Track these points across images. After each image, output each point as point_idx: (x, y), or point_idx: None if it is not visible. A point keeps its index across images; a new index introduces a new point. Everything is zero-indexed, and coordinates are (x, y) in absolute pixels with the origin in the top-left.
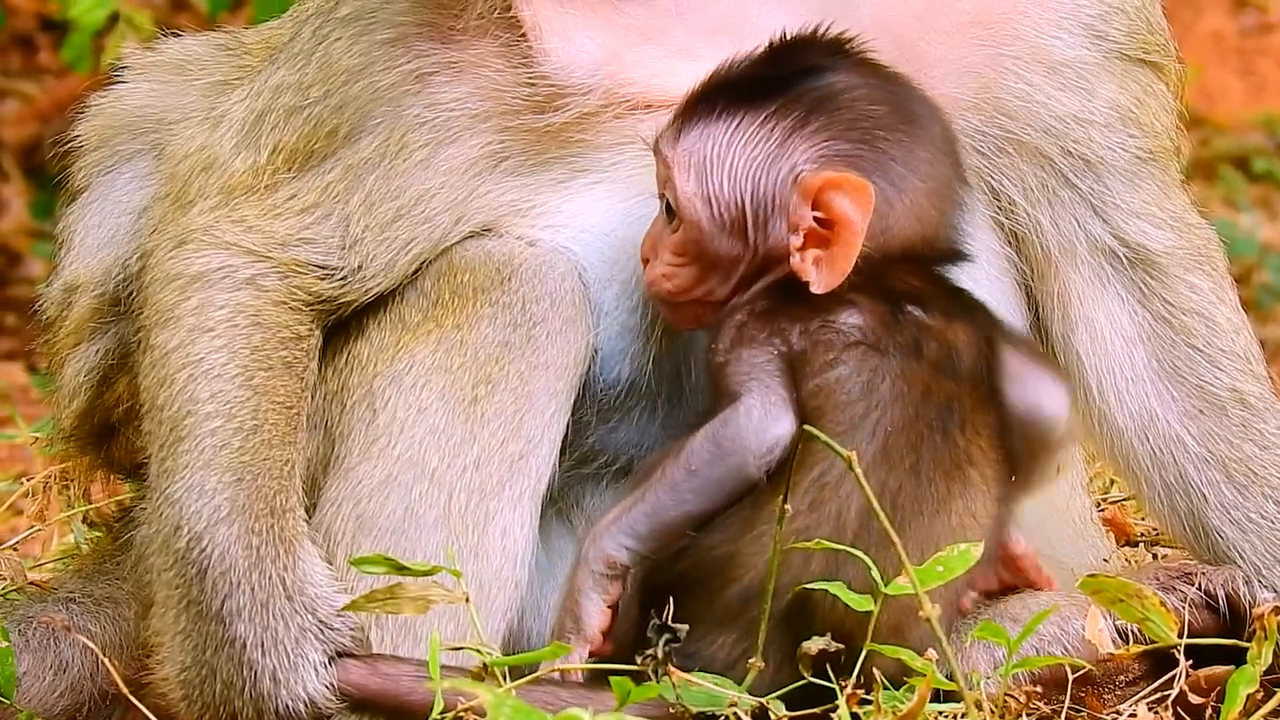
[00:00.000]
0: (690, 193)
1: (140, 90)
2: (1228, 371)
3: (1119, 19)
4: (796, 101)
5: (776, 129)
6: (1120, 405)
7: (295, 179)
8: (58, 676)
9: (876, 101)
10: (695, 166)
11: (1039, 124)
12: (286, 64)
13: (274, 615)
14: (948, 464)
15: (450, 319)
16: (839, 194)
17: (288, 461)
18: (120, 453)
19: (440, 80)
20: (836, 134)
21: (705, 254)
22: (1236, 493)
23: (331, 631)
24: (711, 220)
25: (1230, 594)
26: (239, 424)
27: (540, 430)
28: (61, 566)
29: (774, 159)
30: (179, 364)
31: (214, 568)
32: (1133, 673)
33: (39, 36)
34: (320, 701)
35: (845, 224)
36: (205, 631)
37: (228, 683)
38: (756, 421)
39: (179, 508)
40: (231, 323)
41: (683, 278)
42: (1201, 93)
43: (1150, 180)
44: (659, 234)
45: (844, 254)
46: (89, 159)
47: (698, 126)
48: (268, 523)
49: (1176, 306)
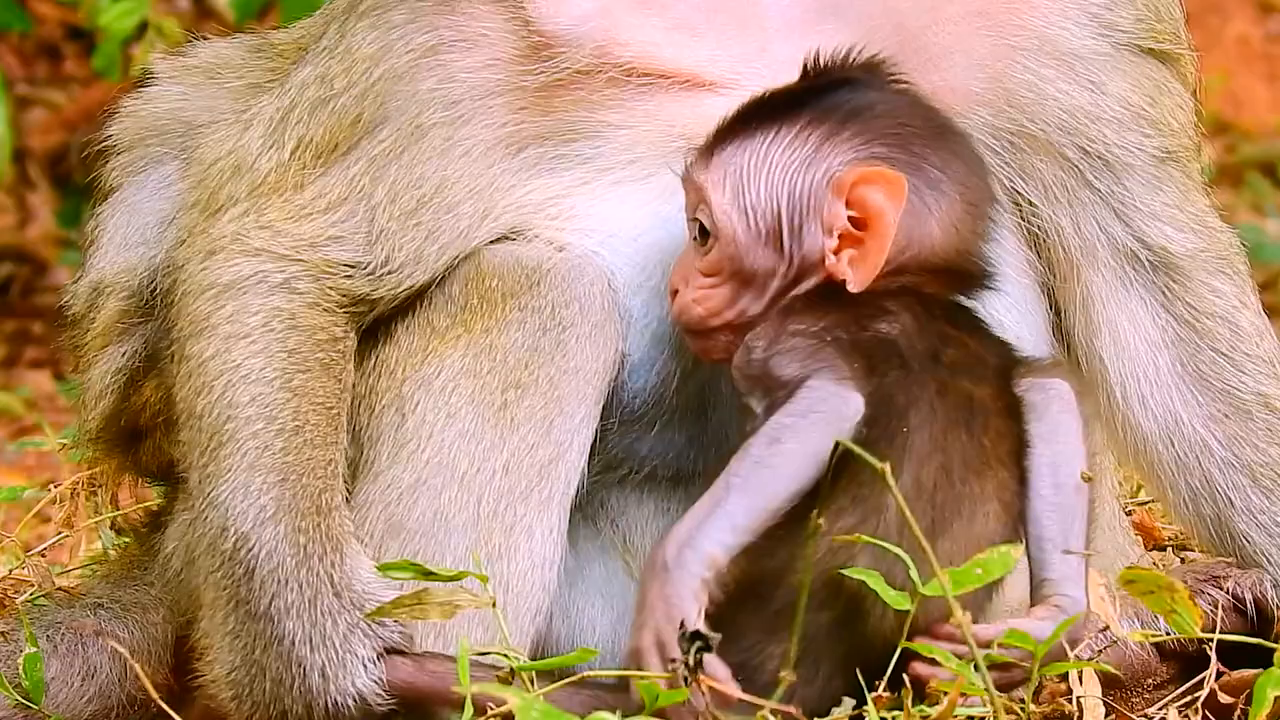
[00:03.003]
0: (726, 206)
1: (171, 93)
2: (1252, 376)
3: (1126, 7)
4: (832, 111)
5: (812, 137)
6: (1145, 409)
7: (321, 175)
8: (86, 682)
9: (911, 114)
10: (731, 180)
11: (1052, 118)
12: (313, 60)
13: (322, 612)
14: (977, 464)
15: (479, 324)
16: (872, 187)
17: (331, 461)
18: (148, 457)
19: (451, 53)
20: (872, 138)
21: (740, 270)
22: (1263, 497)
23: (379, 627)
24: (748, 232)
25: (1258, 597)
26: (280, 425)
27: (569, 435)
28: (89, 572)
29: (809, 164)
30: (216, 371)
31: (261, 566)
32: (1161, 676)
33: (65, 45)
34: (369, 697)
35: (878, 217)
36: (254, 630)
37: (277, 680)
38: (833, 389)
39: (224, 510)
40: (267, 327)
41: (715, 299)
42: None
43: (1170, 182)
44: (688, 263)
45: (877, 247)
46: (120, 160)
47: (732, 143)
48: (314, 521)
49: (1200, 310)
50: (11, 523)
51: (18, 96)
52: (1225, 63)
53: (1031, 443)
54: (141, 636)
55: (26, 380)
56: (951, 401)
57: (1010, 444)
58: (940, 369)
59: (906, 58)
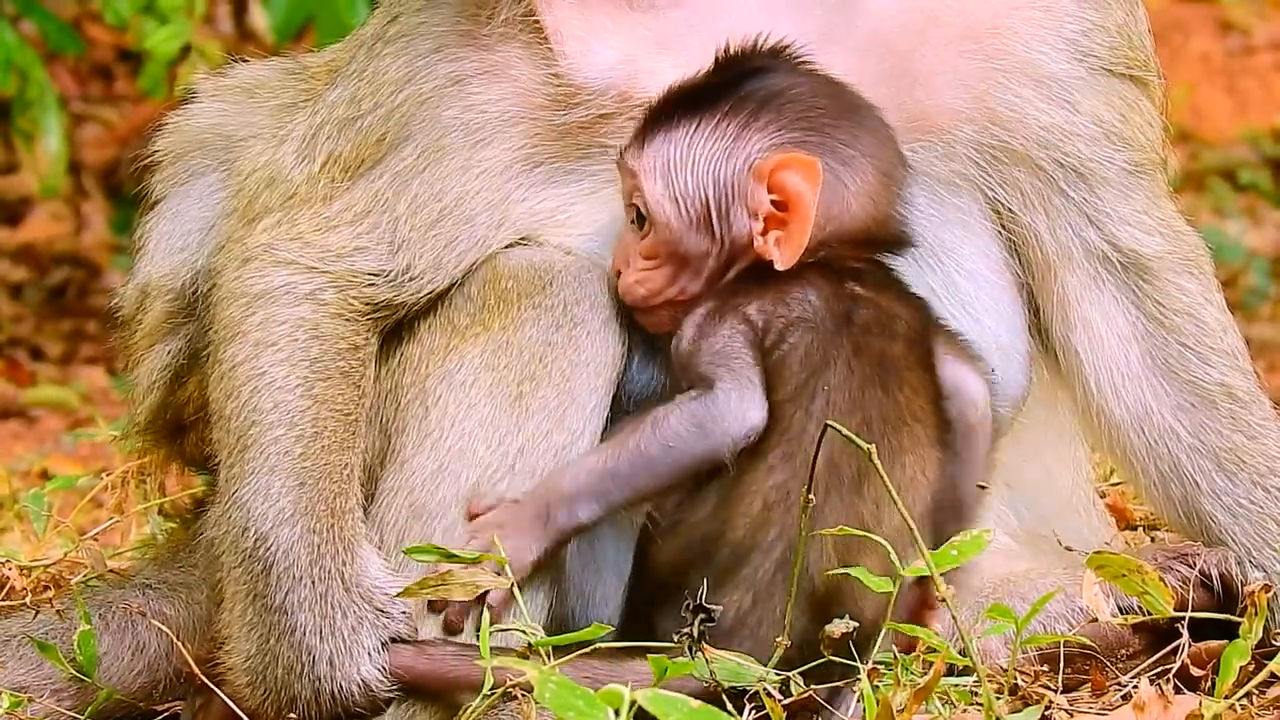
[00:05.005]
0: (659, 195)
1: (212, 110)
2: (1217, 367)
3: (1101, 35)
4: (746, 100)
5: (730, 126)
6: (1117, 400)
7: (349, 188)
8: (135, 657)
9: (819, 95)
10: (661, 171)
11: (1030, 135)
12: (343, 82)
13: (332, 605)
14: (894, 419)
15: (496, 322)
16: (789, 172)
17: (346, 465)
18: (192, 448)
19: (475, 85)
20: (785, 124)
21: (676, 253)
22: (1227, 480)
23: (385, 618)
24: (680, 219)
25: (1223, 574)
26: (300, 432)
27: (582, 423)
28: (139, 555)
29: (730, 153)
30: (244, 377)
31: (278, 564)
32: (1133, 648)
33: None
34: (373, 683)
35: (797, 199)
36: (269, 622)
37: (288, 668)
38: (735, 406)
39: (246, 510)
40: (292, 337)
41: (655, 280)
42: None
43: (1140, 191)
44: (628, 244)
45: (799, 229)
46: (165, 173)
47: (659, 135)
48: (328, 523)
49: (1168, 307)
50: (67, 508)
51: (73, 114)
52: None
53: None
54: (186, 615)
55: (82, 376)
56: (866, 360)
57: (926, 395)
58: (854, 330)
59: (896, 78)
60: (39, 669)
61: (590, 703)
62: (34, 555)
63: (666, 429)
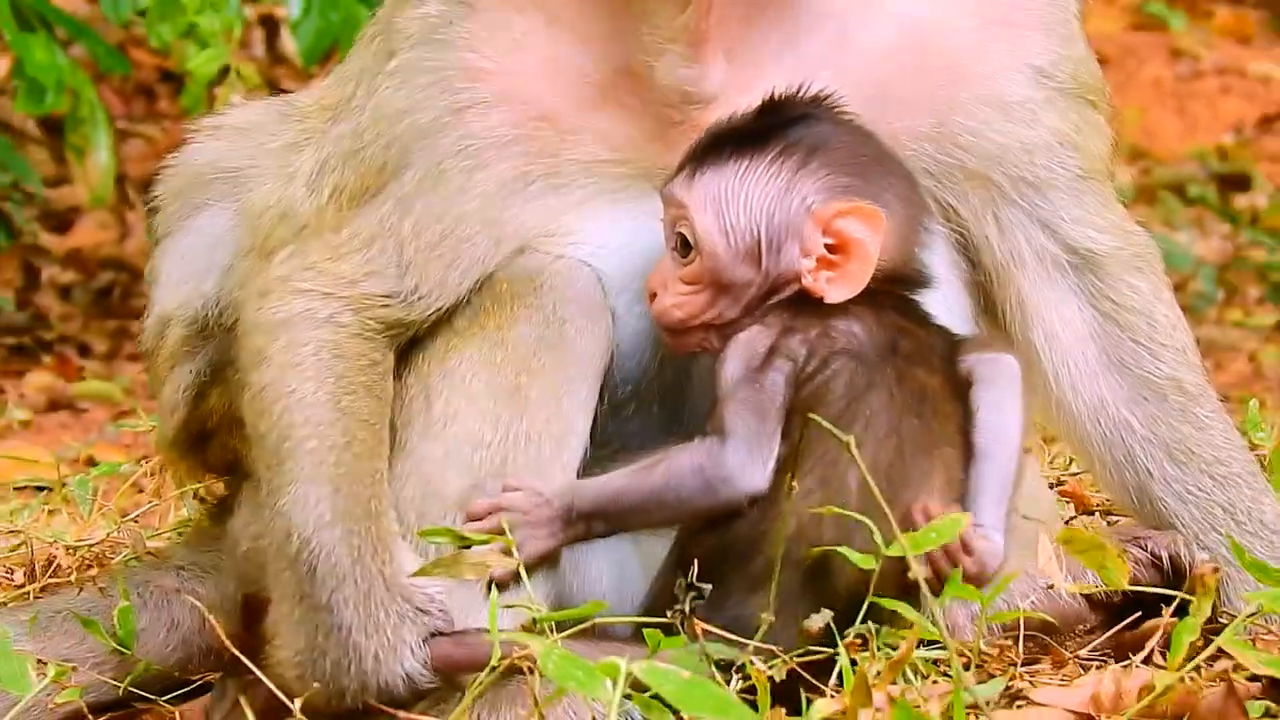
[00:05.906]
0: (709, 226)
1: (209, 149)
2: (1167, 362)
3: (1065, 65)
4: (796, 144)
5: (784, 168)
6: (1075, 394)
7: (355, 217)
8: (170, 632)
9: (858, 143)
10: (712, 203)
11: (987, 155)
12: (344, 117)
13: (375, 604)
14: (926, 444)
15: (492, 322)
16: (852, 219)
17: (376, 470)
18: (214, 455)
19: (472, 116)
20: (836, 170)
21: (719, 281)
22: (1177, 469)
23: (424, 615)
24: (728, 249)
25: (1173, 555)
26: (331, 442)
27: (575, 412)
28: (175, 536)
29: (785, 193)
30: (274, 397)
31: (322, 566)
32: (1090, 622)
33: (159, 87)
34: (416, 676)
35: (859, 245)
36: (316, 620)
37: (336, 663)
38: (742, 469)
39: (288, 518)
40: (316, 356)
41: (694, 304)
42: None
43: (1091, 194)
44: (667, 269)
45: (861, 270)
46: (168, 210)
47: (709, 170)
48: (365, 525)
49: (1120, 305)
50: (111, 492)
51: (119, 130)
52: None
53: (978, 409)
54: (218, 595)
55: (125, 371)
56: (907, 389)
57: (955, 423)
58: (899, 360)
59: (875, 103)
60: (82, 643)
61: (589, 673)
62: (79, 536)
63: (674, 474)
